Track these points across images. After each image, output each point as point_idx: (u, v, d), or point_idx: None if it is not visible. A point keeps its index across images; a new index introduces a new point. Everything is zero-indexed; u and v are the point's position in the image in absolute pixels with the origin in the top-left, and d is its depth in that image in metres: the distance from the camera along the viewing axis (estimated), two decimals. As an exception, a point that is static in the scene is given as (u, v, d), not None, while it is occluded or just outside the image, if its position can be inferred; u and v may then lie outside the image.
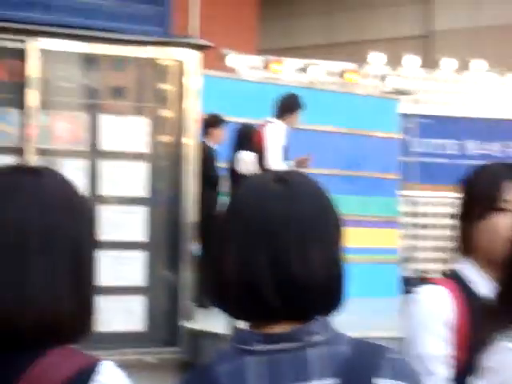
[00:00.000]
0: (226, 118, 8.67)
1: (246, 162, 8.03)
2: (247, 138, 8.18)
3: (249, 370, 1.33)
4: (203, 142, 8.32)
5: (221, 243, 1.39)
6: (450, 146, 12.61)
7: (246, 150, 8.09)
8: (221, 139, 8.49)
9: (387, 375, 1.29)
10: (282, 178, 1.39)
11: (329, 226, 1.37)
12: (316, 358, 1.31)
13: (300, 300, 1.32)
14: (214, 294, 1.39)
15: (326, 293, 1.34)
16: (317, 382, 1.31)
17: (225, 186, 8.44)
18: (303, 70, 11.07)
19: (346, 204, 10.10)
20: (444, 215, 12.49)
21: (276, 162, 7.50)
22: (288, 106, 7.72)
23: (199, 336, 6.61)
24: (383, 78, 11.57)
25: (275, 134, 7.55)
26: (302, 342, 1.32)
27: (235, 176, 8.11)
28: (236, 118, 9.18)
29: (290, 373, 1.32)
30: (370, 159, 10.58)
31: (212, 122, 8.43)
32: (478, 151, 12.70)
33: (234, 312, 1.39)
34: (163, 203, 6.36)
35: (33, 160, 5.84)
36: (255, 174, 1.52)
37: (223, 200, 8.55)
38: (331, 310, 1.37)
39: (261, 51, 15.16)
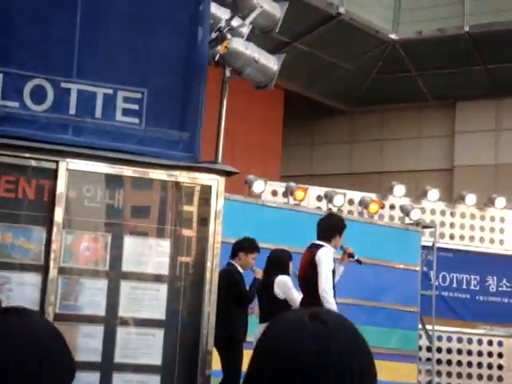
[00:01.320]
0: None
1: (287, 285, 7.95)
2: (281, 263, 8.12)
3: None
4: (231, 263, 8.31)
5: (252, 378, 1.35)
6: (470, 281, 12.52)
7: (281, 274, 8.02)
8: (250, 265, 8.40)
9: None
10: (319, 316, 1.37)
11: (364, 368, 1.34)
12: None
13: None
14: None
15: None
16: None
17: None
18: (326, 197, 11.16)
19: (366, 335, 9.97)
20: (460, 351, 12.30)
21: (329, 287, 7.30)
22: (337, 227, 7.56)
23: None
24: (406, 209, 11.62)
25: (328, 258, 7.37)
26: None
27: (267, 301, 8.01)
28: (259, 243, 9.20)
29: None
30: (391, 290, 10.51)
31: (244, 247, 8.36)
32: (499, 288, 12.59)
33: None
34: (181, 326, 6.29)
35: (54, 278, 5.83)
36: (292, 310, 1.48)
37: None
38: None
39: (283, 177, 15.36)
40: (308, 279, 7.38)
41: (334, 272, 7.40)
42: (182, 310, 6.29)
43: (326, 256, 7.30)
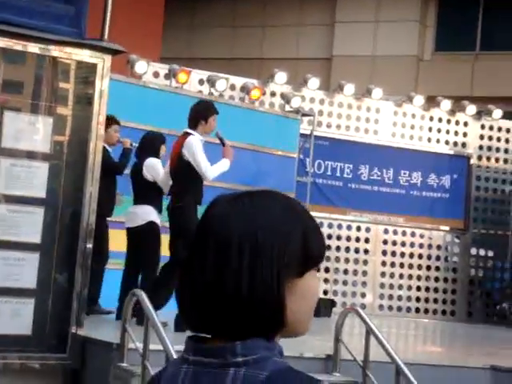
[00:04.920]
0: (127, 123, 8.56)
1: (155, 168, 7.92)
2: (152, 146, 8.09)
3: (180, 378, 1.36)
4: None
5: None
6: (343, 169, 12.87)
7: (151, 157, 7.99)
8: (114, 138, 8.30)
9: None
10: (249, 196, 1.38)
11: (271, 250, 1.34)
12: (230, 379, 1.32)
13: (228, 318, 1.33)
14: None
15: (258, 314, 1.33)
16: None
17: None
18: (208, 81, 11.10)
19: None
20: (330, 236, 12.76)
21: (209, 169, 7.34)
22: (201, 114, 7.55)
23: (87, 343, 6.50)
24: (286, 97, 11.71)
25: (196, 144, 7.36)
26: (225, 359, 1.32)
27: (139, 183, 7.98)
28: (138, 125, 9.13)
29: None
30: (268, 176, 10.70)
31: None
32: (370, 177, 13.01)
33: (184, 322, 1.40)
34: (62, 205, 6.24)
35: None
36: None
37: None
38: (268, 332, 1.35)
39: (163, 59, 15.13)
40: (176, 168, 7.40)
41: None
42: (64, 189, 6.23)
43: (193, 142, 7.30)
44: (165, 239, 7.66)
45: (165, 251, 7.66)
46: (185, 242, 7.02)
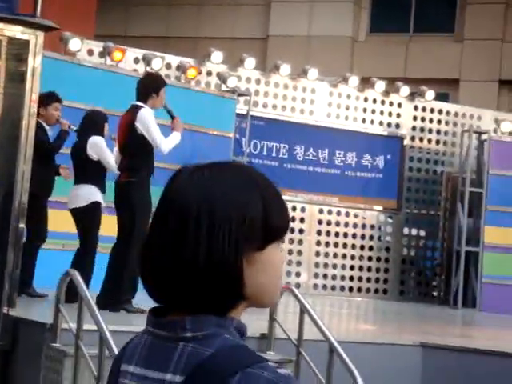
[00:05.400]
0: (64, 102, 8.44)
1: (99, 146, 7.77)
2: (95, 124, 7.94)
3: (140, 346, 1.40)
4: (37, 121, 8.00)
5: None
6: (279, 149, 12.92)
7: (96, 135, 7.83)
8: (54, 117, 8.13)
9: None
10: (209, 167, 1.39)
11: (229, 221, 1.34)
12: (177, 353, 1.34)
13: (185, 289, 1.34)
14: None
15: (214, 285, 1.34)
16: (169, 376, 1.34)
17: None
18: (143, 60, 11.01)
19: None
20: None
21: (164, 141, 7.26)
22: (151, 86, 7.37)
23: (20, 323, 6.43)
24: (223, 77, 11.69)
25: (151, 117, 7.27)
26: (176, 334, 1.35)
27: (80, 162, 7.83)
28: (72, 103, 9.00)
29: (157, 360, 1.36)
30: (204, 156, 10.68)
31: (42, 101, 7.93)
32: (306, 157, 13.10)
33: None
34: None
35: None
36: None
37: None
38: (225, 305, 1.36)
39: (97, 37, 14.93)
40: (127, 142, 7.32)
41: None
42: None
43: (146, 115, 7.23)
44: (110, 219, 7.57)
45: (107, 231, 7.60)
46: (142, 218, 6.95)
